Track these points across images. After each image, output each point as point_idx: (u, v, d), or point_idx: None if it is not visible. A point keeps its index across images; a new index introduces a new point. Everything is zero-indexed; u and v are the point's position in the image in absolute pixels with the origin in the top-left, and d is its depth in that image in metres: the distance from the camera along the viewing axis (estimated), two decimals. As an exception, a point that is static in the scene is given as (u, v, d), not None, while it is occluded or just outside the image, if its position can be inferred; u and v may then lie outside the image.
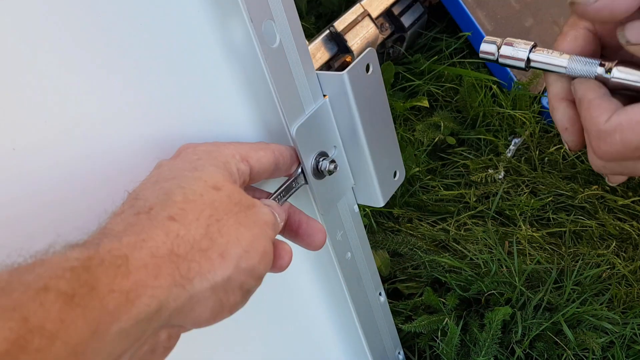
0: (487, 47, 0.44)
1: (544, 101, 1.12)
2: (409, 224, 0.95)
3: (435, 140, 1.06)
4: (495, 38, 0.44)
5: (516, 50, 0.43)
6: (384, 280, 0.67)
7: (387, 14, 1.17)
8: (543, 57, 0.42)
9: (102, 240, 0.28)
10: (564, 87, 0.40)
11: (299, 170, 0.45)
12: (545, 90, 1.16)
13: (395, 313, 0.79)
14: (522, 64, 0.43)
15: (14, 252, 0.26)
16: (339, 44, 1.04)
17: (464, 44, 1.22)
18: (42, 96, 0.33)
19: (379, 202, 0.53)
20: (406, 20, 1.20)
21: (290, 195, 0.44)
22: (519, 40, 0.43)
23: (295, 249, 0.41)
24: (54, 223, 0.34)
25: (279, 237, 0.41)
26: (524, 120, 1.09)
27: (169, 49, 0.38)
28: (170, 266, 0.29)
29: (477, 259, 0.86)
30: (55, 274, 0.25)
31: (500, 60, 0.44)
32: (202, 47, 0.40)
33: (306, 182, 0.46)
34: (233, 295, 0.32)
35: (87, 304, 0.25)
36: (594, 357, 0.74)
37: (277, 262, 0.37)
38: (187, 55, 0.39)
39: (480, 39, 1.18)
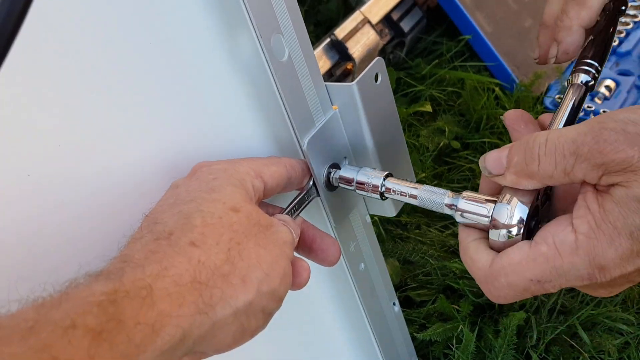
0: (345, 173, 0.45)
1: (547, 102, 1.12)
2: (418, 231, 0.94)
3: (440, 145, 1.06)
4: (355, 167, 0.46)
5: (371, 179, 0.44)
6: (395, 288, 0.66)
7: (386, 19, 1.17)
8: (396, 186, 0.43)
9: (125, 270, 0.28)
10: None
11: (311, 183, 0.45)
12: (547, 90, 1.16)
13: (408, 321, 0.78)
14: (378, 195, 0.44)
15: (37, 285, 0.25)
16: (340, 51, 1.04)
17: (465, 47, 1.22)
18: (55, 120, 0.32)
19: (391, 212, 0.53)
20: (405, 25, 1.20)
21: (303, 209, 0.44)
22: (375, 170, 0.45)
23: (309, 261, 0.40)
24: (75, 252, 0.34)
25: (294, 253, 0.41)
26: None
27: (178, 67, 0.38)
28: (194, 294, 0.29)
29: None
30: (82, 309, 0.25)
31: (358, 191, 0.45)
32: (212, 63, 0.39)
33: (318, 195, 0.46)
34: (255, 320, 0.32)
35: (114, 339, 0.25)
36: (610, 358, 0.74)
37: (296, 280, 0.36)
38: (197, 72, 0.39)
39: (480, 41, 1.18)
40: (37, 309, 0.25)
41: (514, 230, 0.35)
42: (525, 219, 0.35)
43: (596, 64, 0.43)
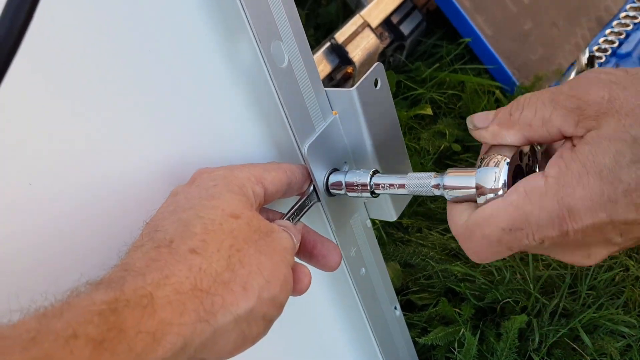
0: (334, 179, 0.45)
1: (548, 104, 1.12)
2: (419, 234, 0.94)
3: (441, 148, 1.06)
4: (343, 171, 0.46)
5: (358, 178, 0.44)
6: (396, 292, 0.66)
7: (386, 22, 1.17)
8: (384, 179, 0.43)
9: (126, 279, 0.28)
10: None
11: (311, 188, 0.45)
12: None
13: (410, 325, 0.78)
14: (368, 193, 0.44)
15: (38, 295, 0.25)
16: (340, 55, 1.04)
17: (465, 50, 1.22)
18: (55, 128, 0.32)
19: (392, 216, 0.53)
20: (405, 29, 1.20)
21: (303, 214, 0.44)
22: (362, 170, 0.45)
23: (309, 266, 0.40)
24: (76, 261, 0.34)
25: (295, 259, 0.41)
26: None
27: (178, 74, 0.38)
28: (195, 301, 0.29)
29: (491, 266, 0.85)
30: (83, 319, 0.25)
31: (349, 194, 0.45)
32: (212, 70, 0.40)
33: (319, 200, 0.46)
34: (256, 326, 0.32)
35: (115, 348, 0.25)
36: (612, 361, 0.74)
37: (297, 286, 0.36)
38: (197, 79, 0.39)
39: (480, 44, 1.18)
40: (38, 318, 0.25)
41: (501, 192, 0.35)
42: (507, 179, 0.35)
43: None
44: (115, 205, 0.36)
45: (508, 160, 0.35)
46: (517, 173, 0.36)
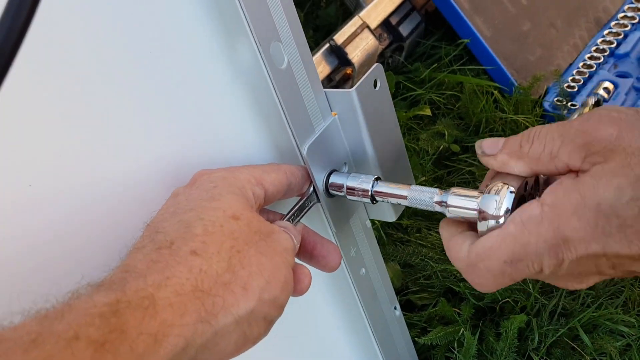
0: (335, 180, 0.45)
1: (546, 105, 1.12)
2: (418, 234, 0.94)
3: (440, 148, 1.06)
4: (345, 173, 0.46)
5: (360, 183, 0.44)
6: (396, 292, 0.66)
7: (385, 24, 1.18)
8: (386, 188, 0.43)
9: (127, 280, 0.28)
10: None
11: (311, 189, 0.45)
12: (546, 93, 1.17)
13: (409, 325, 0.78)
14: (368, 199, 0.44)
15: (39, 297, 0.26)
16: (339, 56, 1.04)
17: (463, 51, 1.22)
18: (56, 130, 0.33)
19: (392, 217, 0.53)
20: (404, 30, 1.21)
21: (303, 215, 0.44)
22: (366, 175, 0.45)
23: (310, 267, 0.40)
24: (77, 262, 0.34)
25: (295, 259, 0.41)
26: (527, 124, 1.09)
27: (178, 76, 0.38)
28: (195, 303, 0.29)
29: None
30: (84, 321, 0.25)
31: (349, 197, 0.45)
32: (212, 71, 0.40)
33: (318, 201, 0.46)
34: (257, 327, 0.32)
35: (117, 350, 0.25)
36: (612, 361, 0.74)
37: (297, 286, 0.36)
38: (197, 80, 0.39)
39: (479, 45, 1.18)
40: (39, 320, 0.25)
41: (502, 220, 0.35)
42: (510, 208, 0.35)
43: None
44: (116, 206, 0.36)
45: (513, 190, 0.35)
46: (520, 202, 0.37)
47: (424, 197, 0.41)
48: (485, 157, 0.37)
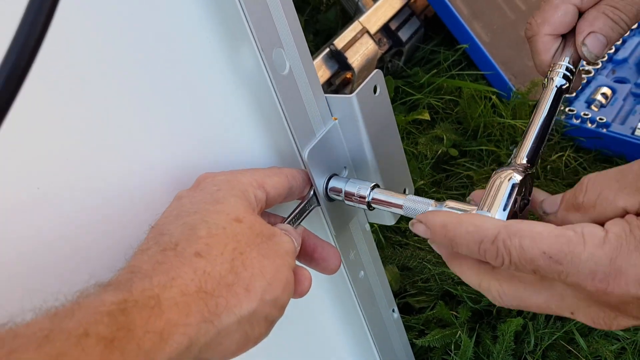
0: (335, 184, 0.46)
1: (544, 109, 1.13)
2: (416, 237, 0.95)
3: (438, 152, 1.07)
4: (345, 178, 0.47)
5: (358, 190, 0.45)
6: (394, 295, 0.67)
7: (385, 29, 1.19)
8: (383, 196, 0.44)
9: (134, 281, 0.29)
10: None
11: (312, 192, 0.45)
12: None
13: (407, 328, 0.79)
14: (365, 205, 0.45)
15: (50, 296, 0.26)
16: (339, 61, 1.05)
17: (462, 56, 1.23)
18: (62, 134, 0.33)
19: (390, 220, 0.54)
20: (403, 35, 1.22)
21: (304, 218, 0.45)
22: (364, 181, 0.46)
23: (310, 269, 0.41)
24: (85, 263, 0.35)
25: (296, 262, 0.42)
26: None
27: (182, 80, 0.39)
28: (199, 303, 0.30)
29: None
30: (94, 318, 0.26)
31: (346, 202, 0.46)
32: (215, 77, 0.40)
33: (319, 204, 0.46)
34: (258, 327, 0.33)
35: (125, 347, 0.25)
36: (607, 364, 0.74)
37: (298, 288, 0.37)
38: (200, 85, 0.40)
39: (477, 50, 1.19)
40: (51, 318, 0.26)
41: None
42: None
43: (571, 67, 0.46)
44: (121, 208, 0.37)
45: (507, 210, 0.36)
46: (514, 214, 0.37)
47: (419, 207, 0.41)
48: (546, 217, 0.36)
